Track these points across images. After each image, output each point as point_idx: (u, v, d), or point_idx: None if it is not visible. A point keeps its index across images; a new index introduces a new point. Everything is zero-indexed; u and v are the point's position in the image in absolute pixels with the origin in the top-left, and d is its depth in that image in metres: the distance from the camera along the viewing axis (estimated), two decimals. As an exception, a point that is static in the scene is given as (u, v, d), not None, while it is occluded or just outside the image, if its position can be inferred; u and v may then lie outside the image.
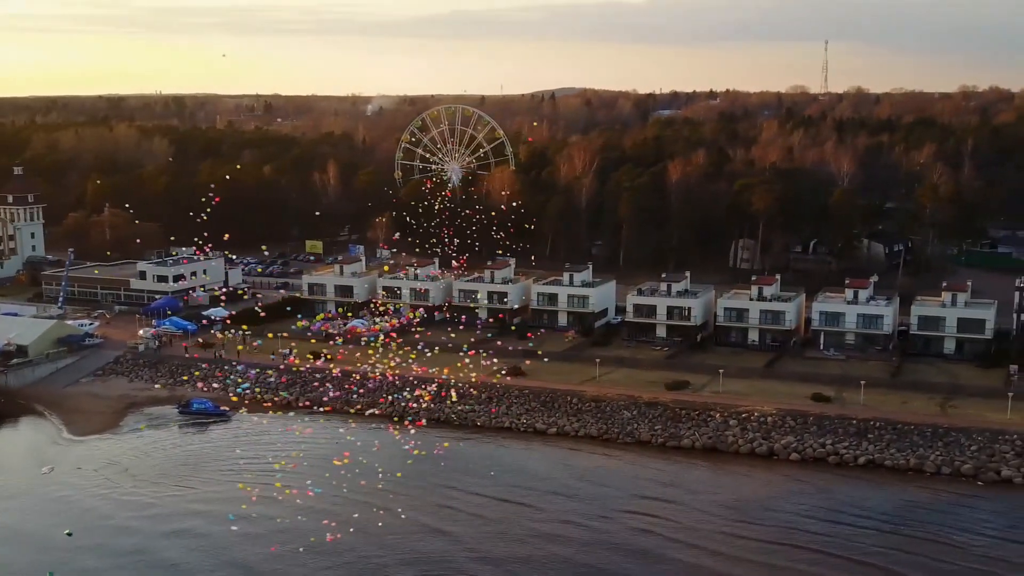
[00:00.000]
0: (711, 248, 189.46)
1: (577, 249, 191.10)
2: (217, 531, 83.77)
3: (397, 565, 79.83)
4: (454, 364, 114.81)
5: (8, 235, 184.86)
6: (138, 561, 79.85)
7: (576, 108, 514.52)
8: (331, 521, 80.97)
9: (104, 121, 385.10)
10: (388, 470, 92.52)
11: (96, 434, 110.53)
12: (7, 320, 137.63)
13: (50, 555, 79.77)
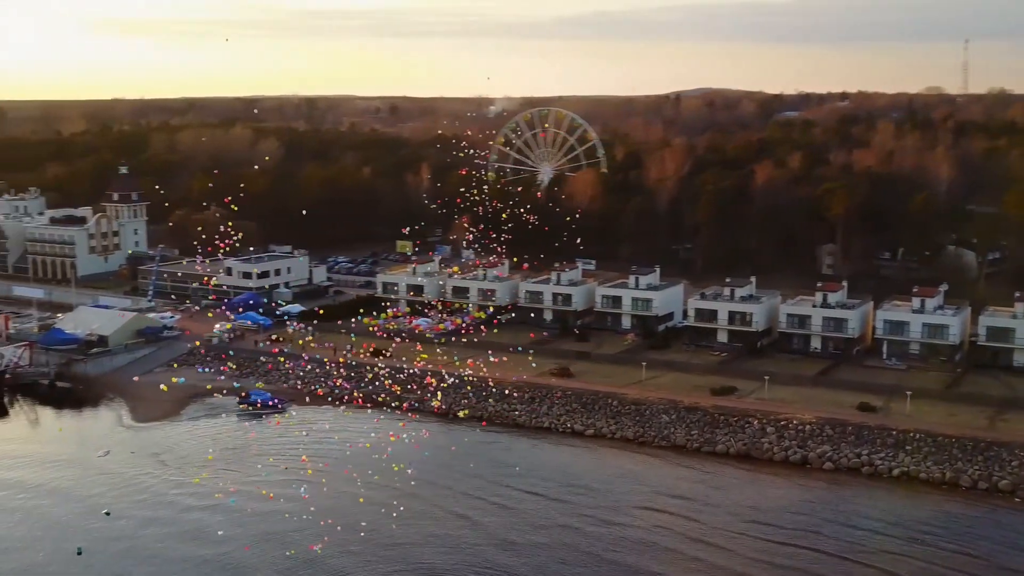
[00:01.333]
0: (798, 253, 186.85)
1: (657, 252, 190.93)
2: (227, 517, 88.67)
3: (419, 546, 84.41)
4: (506, 363, 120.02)
5: (112, 231, 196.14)
6: (162, 539, 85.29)
7: (697, 109, 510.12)
8: (357, 506, 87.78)
9: (230, 123, 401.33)
10: (420, 463, 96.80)
11: (156, 421, 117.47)
12: (92, 312, 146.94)
13: (82, 533, 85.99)
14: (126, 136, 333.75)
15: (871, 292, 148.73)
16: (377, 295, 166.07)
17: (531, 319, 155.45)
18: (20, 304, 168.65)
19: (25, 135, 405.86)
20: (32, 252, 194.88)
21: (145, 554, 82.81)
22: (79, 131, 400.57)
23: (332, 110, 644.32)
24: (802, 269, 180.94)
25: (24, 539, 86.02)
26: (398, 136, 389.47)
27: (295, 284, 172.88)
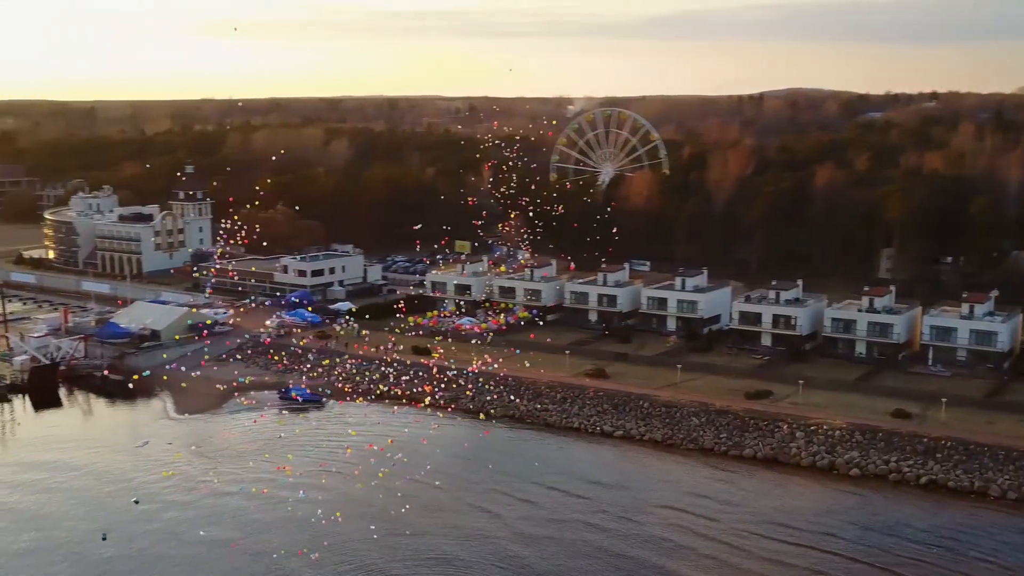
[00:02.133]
0: (857, 257, 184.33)
1: (713, 253, 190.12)
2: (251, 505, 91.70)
3: (437, 536, 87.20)
4: (543, 363, 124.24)
5: (178, 229, 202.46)
6: (183, 524, 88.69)
7: (779, 110, 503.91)
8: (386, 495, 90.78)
9: (306, 124, 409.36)
10: (449, 458, 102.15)
11: (198, 414, 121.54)
12: (147, 307, 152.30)
13: (110, 517, 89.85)
14: (204, 136, 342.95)
15: (925, 297, 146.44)
16: (426, 294, 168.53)
17: (576, 320, 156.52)
18: (86, 298, 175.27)
19: (112, 134, 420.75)
20: (101, 248, 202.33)
21: (166, 539, 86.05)
22: (162, 131, 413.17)
23: (413, 111, 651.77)
24: (861, 273, 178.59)
25: (54, 518, 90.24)
26: (470, 136, 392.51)
27: (349, 282, 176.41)
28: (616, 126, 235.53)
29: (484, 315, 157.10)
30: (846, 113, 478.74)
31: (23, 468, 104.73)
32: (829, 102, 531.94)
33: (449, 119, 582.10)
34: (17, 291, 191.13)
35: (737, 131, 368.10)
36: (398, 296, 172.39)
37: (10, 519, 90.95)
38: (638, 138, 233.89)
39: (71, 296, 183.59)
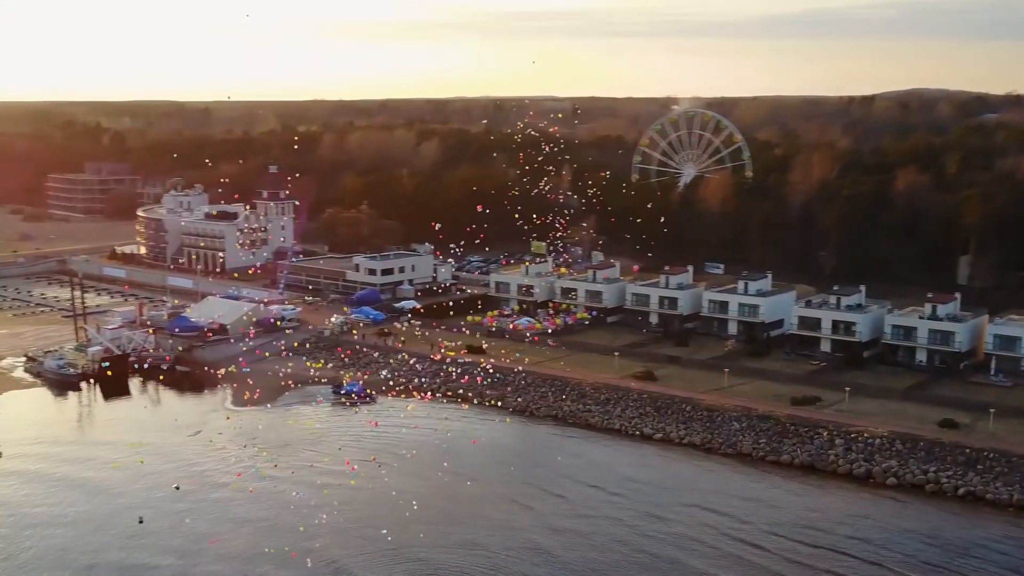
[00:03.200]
0: (939, 263, 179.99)
1: (790, 257, 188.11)
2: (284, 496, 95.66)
3: (466, 524, 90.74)
4: (593, 364, 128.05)
5: (261, 227, 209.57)
6: (215, 512, 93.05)
7: (888, 111, 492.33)
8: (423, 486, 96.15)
9: (403, 125, 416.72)
10: (489, 453, 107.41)
11: (252, 406, 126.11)
12: (218, 302, 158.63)
13: (151, 502, 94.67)
14: (302, 137, 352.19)
15: (999, 306, 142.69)
16: (491, 294, 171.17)
17: (637, 322, 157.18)
18: (172, 293, 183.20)
19: (220, 135, 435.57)
20: (188, 245, 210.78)
21: (197, 525, 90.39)
22: (266, 131, 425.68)
23: (518, 111, 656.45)
24: (941, 280, 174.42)
25: (97, 500, 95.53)
26: (564, 136, 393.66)
27: (419, 281, 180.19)
28: (699, 127, 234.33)
29: (544, 316, 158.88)
30: (960, 115, 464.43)
31: (75, 449, 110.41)
32: (943, 104, 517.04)
33: (552, 120, 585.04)
34: (108, 285, 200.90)
35: (839, 133, 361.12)
36: (463, 296, 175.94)
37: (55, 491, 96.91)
38: (721, 140, 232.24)
39: (157, 291, 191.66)
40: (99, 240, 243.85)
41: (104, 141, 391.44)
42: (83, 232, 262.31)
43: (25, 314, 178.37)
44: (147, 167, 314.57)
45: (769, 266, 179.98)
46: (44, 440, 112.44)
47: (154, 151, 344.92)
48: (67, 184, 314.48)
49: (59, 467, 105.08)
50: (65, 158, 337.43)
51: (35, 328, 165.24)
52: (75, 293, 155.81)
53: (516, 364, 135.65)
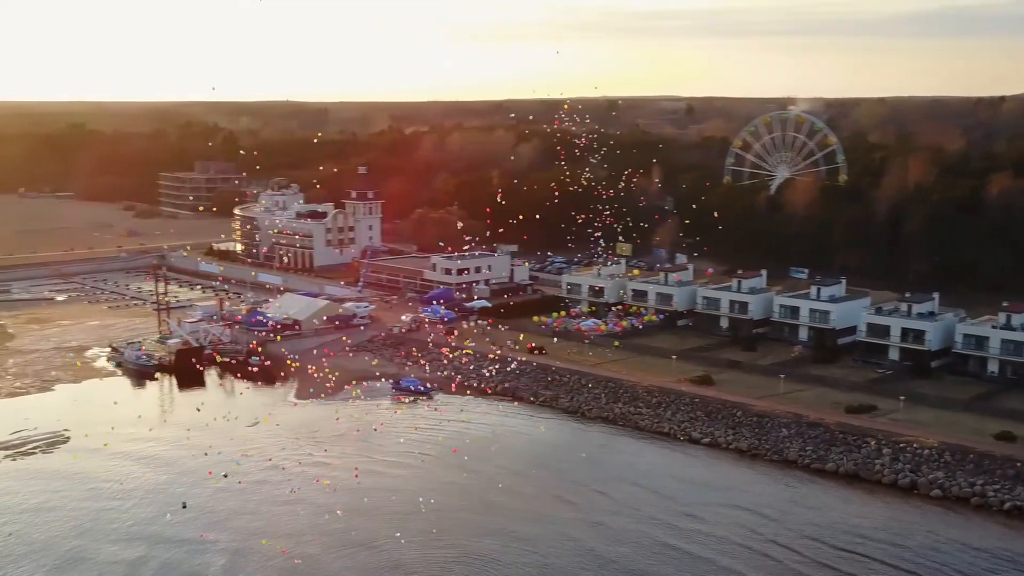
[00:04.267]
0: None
1: (877, 262, 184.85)
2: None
3: (507, 515, 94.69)
4: (651, 367, 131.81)
5: (348, 227, 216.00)
6: (258, 498, 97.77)
7: (1016, 113, 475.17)
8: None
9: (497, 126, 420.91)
10: (538, 451, 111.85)
11: (313, 399, 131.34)
12: (293, 298, 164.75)
13: (197, 488, 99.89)
14: (402, 137, 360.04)
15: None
16: (562, 295, 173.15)
17: (707, 325, 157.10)
18: (265, 289, 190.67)
19: (331, 135, 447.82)
20: (279, 243, 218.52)
21: (239, 511, 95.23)
22: (376, 131, 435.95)
23: (630, 111, 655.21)
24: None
25: (146, 483, 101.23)
26: (670, 137, 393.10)
27: (495, 282, 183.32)
28: (794, 129, 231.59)
29: (612, 317, 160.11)
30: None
31: (126, 436, 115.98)
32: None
33: (663, 120, 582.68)
34: (202, 280, 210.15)
35: (958, 135, 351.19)
36: (537, 297, 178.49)
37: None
38: (816, 142, 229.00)
39: (248, 287, 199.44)
40: (200, 237, 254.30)
41: (217, 141, 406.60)
42: (188, 229, 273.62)
43: (119, 307, 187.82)
44: (253, 167, 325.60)
45: (854, 271, 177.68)
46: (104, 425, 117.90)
47: (262, 151, 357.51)
48: (176, 182, 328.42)
49: (108, 452, 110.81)
50: (180, 157, 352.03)
51: (126, 320, 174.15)
52: (159, 287, 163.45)
53: (574, 365, 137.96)
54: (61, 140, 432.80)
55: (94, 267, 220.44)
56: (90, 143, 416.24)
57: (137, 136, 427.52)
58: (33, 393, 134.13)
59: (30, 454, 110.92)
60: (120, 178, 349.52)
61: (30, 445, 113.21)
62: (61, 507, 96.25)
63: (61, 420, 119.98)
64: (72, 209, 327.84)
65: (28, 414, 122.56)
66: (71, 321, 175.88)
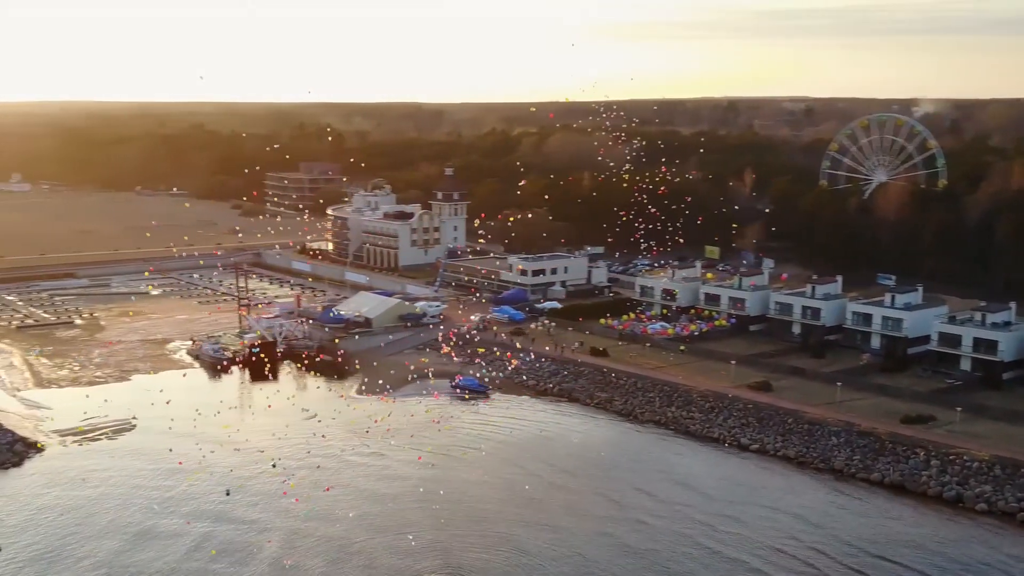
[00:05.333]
0: None
1: (966, 269, 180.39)
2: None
3: (549, 509, 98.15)
4: (715, 372, 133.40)
5: (434, 227, 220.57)
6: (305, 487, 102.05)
7: None
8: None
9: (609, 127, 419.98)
10: (587, 452, 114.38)
11: (374, 395, 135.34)
12: (367, 296, 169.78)
13: (242, 476, 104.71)
14: (503, 139, 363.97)
15: None
16: (636, 298, 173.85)
17: (778, 331, 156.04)
18: (352, 288, 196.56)
19: (441, 136, 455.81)
20: (367, 242, 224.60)
21: (281, 500, 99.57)
22: (483, 133, 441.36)
23: (750, 112, 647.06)
24: None
25: (199, 468, 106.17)
26: (782, 139, 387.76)
27: (571, 283, 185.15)
28: (891, 132, 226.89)
29: (684, 321, 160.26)
30: None
31: (186, 424, 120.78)
32: None
33: (780, 121, 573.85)
34: (293, 277, 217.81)
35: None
36: (612, 299, 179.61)
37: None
38: (915, 146, 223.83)
39: (336, 285, 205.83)
40: (299, 236, 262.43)
41: (326, 141, 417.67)
42: (288, 227, 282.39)
43: (209, 302, 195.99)
44: (356, 167, 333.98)
45: (942, 279, 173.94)
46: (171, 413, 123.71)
47: (368, 152, 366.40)
48: (281, 182, 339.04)
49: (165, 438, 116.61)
50: (294, 157, 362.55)
51: (213, 315, 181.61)
52: (239, 284, 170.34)
53: (634, 368, 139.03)
54: (180, 140, 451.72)
55: (191, 263, 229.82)
56: (207, 143, 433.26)
57: (251, 137, 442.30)
58: (111, 382, 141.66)
59: (96, 440, 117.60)
60: (231, 177, 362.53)
61: (97, 431, 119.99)
62: (125, 486, 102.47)
63: (131, 408, 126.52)
64: (183, 207, 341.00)
65: (102, 402, 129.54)
66: (160, 315, 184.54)
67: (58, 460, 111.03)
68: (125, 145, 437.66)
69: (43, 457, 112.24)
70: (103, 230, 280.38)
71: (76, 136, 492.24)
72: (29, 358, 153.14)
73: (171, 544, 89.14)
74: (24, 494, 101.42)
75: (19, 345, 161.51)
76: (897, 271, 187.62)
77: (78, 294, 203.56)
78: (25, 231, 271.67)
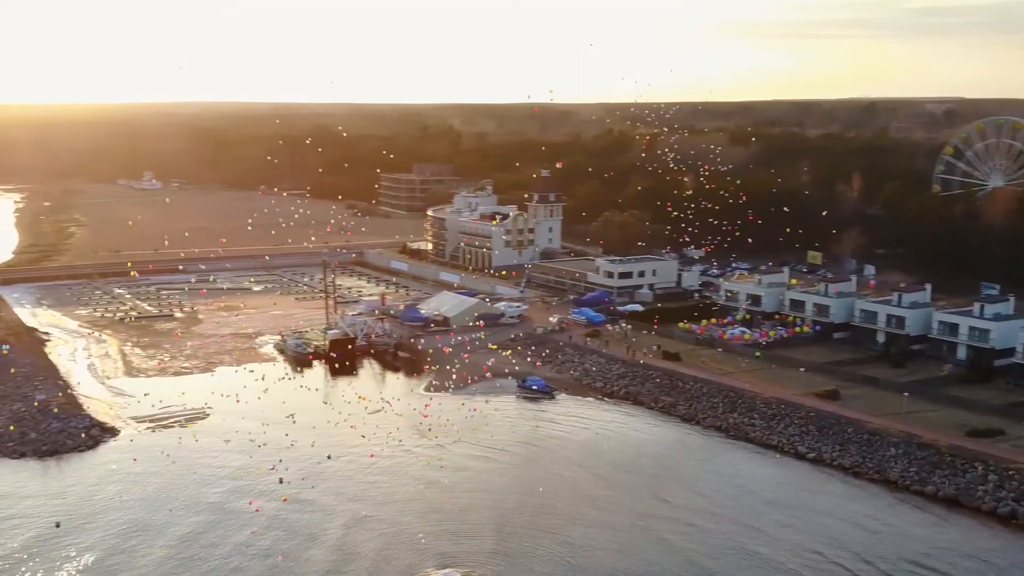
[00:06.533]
0: None
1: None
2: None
3: (604, 510, 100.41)
4: (783, 379, 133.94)
5: (528, 228, 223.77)
6: (345, 477, 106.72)
7: None
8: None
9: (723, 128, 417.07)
10: (644, 453, 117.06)
11: (439, 392, 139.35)
12: (447, 296, 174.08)
13: (294, 467, 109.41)
14: (612, 140, 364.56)
15: None
16: (720, 302, 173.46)
17: (863, 339, 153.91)
18: (444, 287, 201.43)
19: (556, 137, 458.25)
20: (463, 243, 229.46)
21: (324, 489, 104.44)
22: (599, 134, 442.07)
23: (888, 114, 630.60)
24: None
25: (255, 458, 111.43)
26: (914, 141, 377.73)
27: (660, 286, 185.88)
28: (1009, 136, 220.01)
29: (768, 327, 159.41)
30: None
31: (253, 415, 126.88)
32: None
33: (917, 124, 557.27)
34: (390, 276, 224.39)
35: None
36: (699, 303, 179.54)
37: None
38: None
39: (430, 285, 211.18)
40: (404, 235, 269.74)
41: (446, 143, 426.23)
42: (395, 227, 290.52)
43: (307, 299, 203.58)
44: (468, 169, 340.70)
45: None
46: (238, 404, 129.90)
47: (485, 153, 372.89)
48: (393, 183, 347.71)
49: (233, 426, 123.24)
50: (412, 158, 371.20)
51: (306, 312, 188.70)
52: (327, 281, 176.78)
53: (703, 373, 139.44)
54: (304, 140, 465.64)
55: (296, 261, 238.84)
56: (329, 143, 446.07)
57: (372, 138, 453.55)
58: (195, 373, 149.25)
59: (168, 427, 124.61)
60: (347, 177, 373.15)
61: (171, 419, 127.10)
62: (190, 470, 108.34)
63: (208, 399, 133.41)
64: (300, 206, 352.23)
65: (182, 392, 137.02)
66: (256, 310, 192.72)
67: (130, 444, 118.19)
68: (252, 145, 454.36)
69: (116, 441, 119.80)
70: (216, 227, 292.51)
71: (209, 136, 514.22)
72: (124, 348, 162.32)
73: (235, 524, 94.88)
74: (93, 475, 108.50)
75: (118, 336, 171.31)
76: (1004, 281, 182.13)
77: (184, 288, 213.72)
78: (146, 227, 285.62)
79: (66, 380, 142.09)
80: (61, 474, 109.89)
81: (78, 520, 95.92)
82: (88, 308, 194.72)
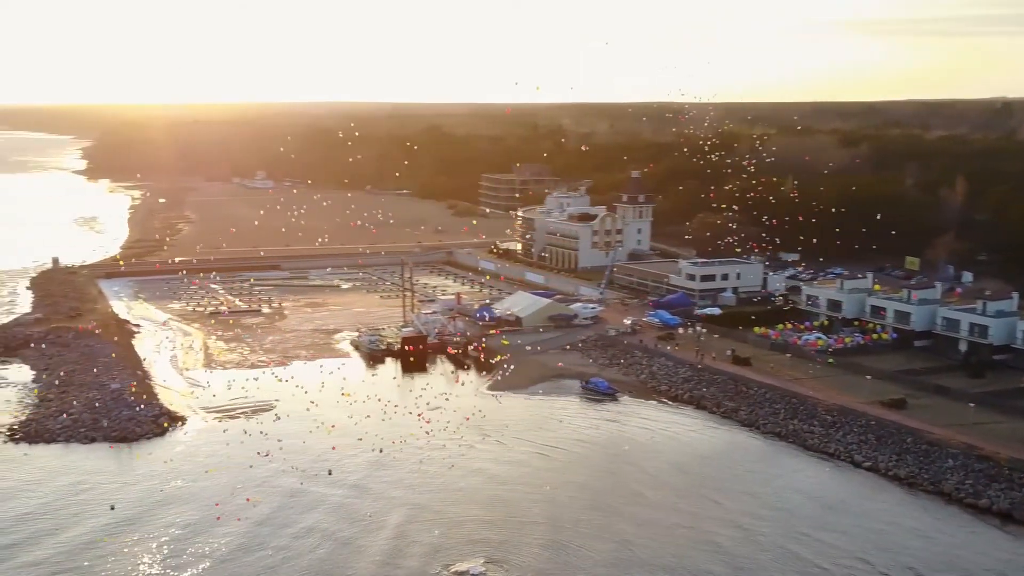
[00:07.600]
0: None
1: None
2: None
3: (656, 509, 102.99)
4: (849, 388, 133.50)
5: (616, 229, 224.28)
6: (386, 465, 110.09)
7: None
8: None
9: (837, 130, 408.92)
10: (698, 456, 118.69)
11: (502, 391, 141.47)
12: (522, 296, 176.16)
13: (338, 462, 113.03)
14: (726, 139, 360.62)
15: None
16: (799, 306, 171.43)
17: (944, 348, 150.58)
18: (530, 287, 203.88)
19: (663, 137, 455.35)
20: (550, 243, 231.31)
21: (382, 479, 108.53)
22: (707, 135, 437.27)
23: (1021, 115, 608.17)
24: None
25: (306, 452, 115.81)
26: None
27: (744, 289, 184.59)
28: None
29: (847, 333, 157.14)
30: None
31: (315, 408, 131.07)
32: None
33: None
34: (478, 275, 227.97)
35: None
36: (781, 307, 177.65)
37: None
38: None
39: (517, 285, 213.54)
40: (497, 235, 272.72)
41: (554, 143, 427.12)
42: (491, 228, 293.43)
43: (391, 296, 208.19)
44: (569, 169, 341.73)
45: None
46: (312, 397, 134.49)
47: (584, 152, 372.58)
48: (493, 183, 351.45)
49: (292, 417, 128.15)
50: (515, 158, 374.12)
51: (387, 310, 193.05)
52: (405, 279, 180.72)
53: (769, 378, 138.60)
54: (414, 141, 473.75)
55: (388, 259, 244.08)
56: (438, 144, 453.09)
57: (480, 138, 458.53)
58: (271, 366, 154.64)
59: (235, 417, 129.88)
60: (451, 178, 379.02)
61: (239, 409, 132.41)
62: (248, 462, 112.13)
63: (278, 391, 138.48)
64: (403, 206, 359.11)
65: (256, 383, 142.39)
66: (340, 307, 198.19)
67: (197, 433, 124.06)
68: (365, 145, 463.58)
69: (184, 429, 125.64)
70: (316, 226, 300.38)
71: (327, 136, 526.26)
72: (208, 342, 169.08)
73: (298, 509, 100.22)
74: (158, 461, 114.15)
75: (204, 330, 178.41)
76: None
77: (276, 285, 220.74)
78: (250, 225, 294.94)
79: (145, 370, 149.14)
80: (129, 459, 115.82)
81: (143, 505, 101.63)
82: (181, 302, 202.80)
